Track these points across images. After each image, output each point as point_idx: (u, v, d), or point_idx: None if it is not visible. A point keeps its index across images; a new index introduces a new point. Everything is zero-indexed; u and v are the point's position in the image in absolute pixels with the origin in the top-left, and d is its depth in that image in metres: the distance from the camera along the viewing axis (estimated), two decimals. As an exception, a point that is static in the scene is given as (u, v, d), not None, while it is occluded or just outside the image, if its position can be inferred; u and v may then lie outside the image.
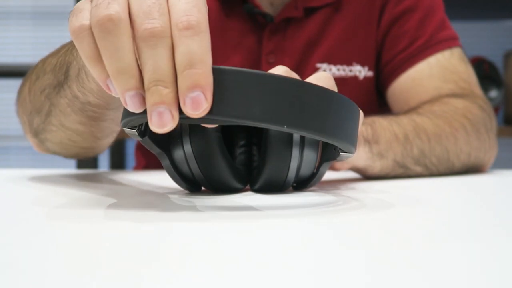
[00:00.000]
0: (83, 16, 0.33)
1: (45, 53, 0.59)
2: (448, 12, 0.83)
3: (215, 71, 0.32)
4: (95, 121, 0.52)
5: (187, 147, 0.42)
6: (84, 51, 0.33)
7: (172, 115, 0.31)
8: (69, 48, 0.49)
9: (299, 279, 0.21)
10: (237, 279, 0.21)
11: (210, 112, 0.32)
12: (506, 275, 0.22)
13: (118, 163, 1.90)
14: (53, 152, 0.63)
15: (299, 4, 0.77)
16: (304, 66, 0.78)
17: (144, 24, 0.31)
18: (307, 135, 0.34)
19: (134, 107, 0.32)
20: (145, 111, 0.32)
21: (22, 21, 2.09)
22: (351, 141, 0.37)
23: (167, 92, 0.31)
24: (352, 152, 0.39)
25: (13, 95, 0.64)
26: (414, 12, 0.79)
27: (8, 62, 1.96)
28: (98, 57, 0.33)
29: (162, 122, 0.31)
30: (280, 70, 0.40)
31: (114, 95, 0.33)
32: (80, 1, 0.35)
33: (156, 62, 0.31)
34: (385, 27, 0.79)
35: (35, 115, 0.57)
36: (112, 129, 0.57)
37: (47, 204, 0.43)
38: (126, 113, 0.35)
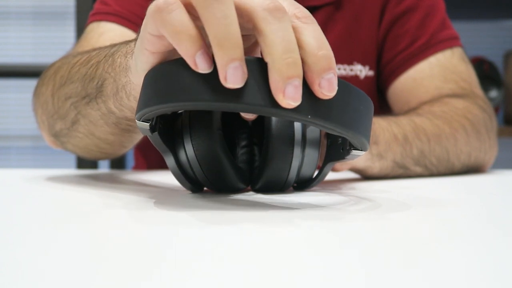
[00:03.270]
0: None
1: (45, 53, 0.59)
2: (449, 12, 0.83)
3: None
4: (128, 133, 0.52)
5: (188, 145, 0.42)
6: (171, 24, 0.32)
7: (299, 93, 0.31)
8: (100, 61, 0.48)
9: (300, 279, 0.21)
10: (238, 279, 0.21)
11: (227, 100, 0.31)
12: (505, 275, 0.22)
13: (118, 163, 1.89)
14: (71, 151, 0.63)
15: (300, 2, 0.77)
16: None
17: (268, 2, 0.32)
18: (329, 128, 0.33)
19: (236, 81, 0.30)
20: (164, 100, 0.32)
21: (22, 21, 2.09)
22: (368, 137, 0.36)
23: (301, 65, 0.31)
24: (366, 150, 0.39)
25: (13, 95, 0.64)
26: (415, 12, 0.79)
27: (8, 62, 1.97)
28: (190, 28, 0.32)
29: (297, 96, 0.31)
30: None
31: (201, 71, 0.31)
32: None
33: (287, 34, 0.31)
34: (386, 27, 0.79)
35: (58, 120, 0.57)
36: (139, 138, 0.57)
37: (47, 204, 0.43)
38: (144, 103, 0.34)
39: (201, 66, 0.31)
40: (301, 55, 0.32)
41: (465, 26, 1.96)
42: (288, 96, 0.30)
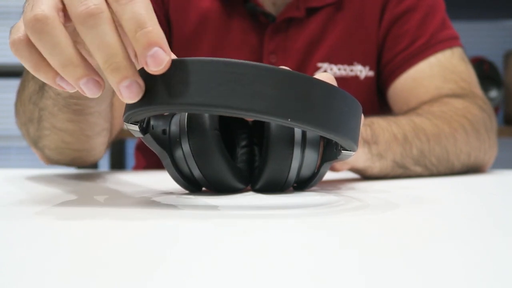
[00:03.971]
0: (18, 30, 0.35)
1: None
2: (448, 12, 0.83)
3: (220, 64, 0.32)
4: (82, 116, 0.53)
5: (185, 145, 0.42)
6: (25, 62, 0.35)
7: (139, 84, 0.32)
8: None
9: (300, 280, 0.21)
10: (238, 279, 0.21)
11: (213, 104, 0.31)
12: (505, 275, 0.22)
13: (118, 163, 1.90)
14: (52, 160, 0.64)
15: (301, 4, 0.77)
16: (305, 66, 0.78)
17: (78, 7, 0.32)
18: (311, 130, 0.33)
19: (91, 93, 0.33)
20: (144, 104, 0.33)
21: (22, 21, 2.09)
22: (354, 138, 0.37)
23: (124, 65, 0.31)
24: (354, 150, 0.39)
25: (13, 95, 0.65)
26: (415, 12, 0.79)
27: (8, 62, 1.96)
28: (38, 63, 0.34)
29: (133, 94, 0.32)
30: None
31: (69, 91, 0.34)
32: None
33: (103, 40, 0.32)
34: (386, 27, 0.79)
35: (30, 124, 0.58)
36: (101, 125, 0.57)
37: (47, 204, 0.43)
38: (130, 105, 0.35)
39: (67, 88, 0.34)
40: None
41: (465, 26, 1.96)
42: (126, 97, 0.32)
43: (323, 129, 0.34)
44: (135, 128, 0.37)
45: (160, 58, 0.31)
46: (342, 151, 0.40)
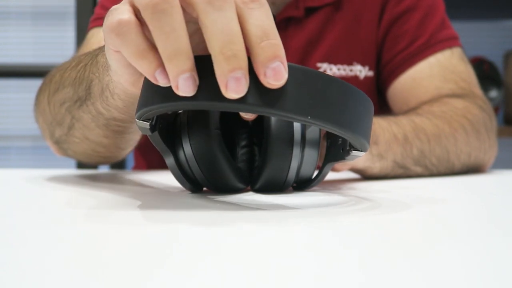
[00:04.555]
0: (120, 12, 0.33)
1: (45, 53, 0.60)
2: (448, 12, 0.83)
3: None
4: (119, 135, 0.52)
5: (187, 144, 0.42)
6: (129, 46, 0.32)
7: (246, 80, 0.30)
8: (87, 63, 0.48)
9: (301, 280, 0.21)
10: (237, 279, 0.21)
11: (230, 100, 0.31)
12: (505, 275, 0.22)
13: (118, 163, 1.90)
14: (74, 158, 0.63)
15: (300, 3, 0.77)
16: (304, 66, 0.78)
17: None
18: (329, 129, 0.33)
19: (188, 90, 0.31)
20: (164, 100, 0.32)
21: (22, 21, 2.09)
22: (367, 138, 0.36)
23: (242, 55, 0.30)
24: (365, 150, 0.38)
25: (13, 95, 0.65)
26: (414, 12, 0.79)
27: (8, 62, 1.96)
28: (145, 50, 0.32)
29: (240, 88, 0.30)
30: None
31: (162, 85, 0.32)
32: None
33: (227, 24, 0.30)
34: (385, 27, 0.79)
35: (57, 126, 0.57)
36: (135, 139, 0.57)
37: (47, 204, 0.43)
38: (144, 103, 0.34)
39: (162, 82, 0.32)
40: (246, 45, 0.31)
41: (465, 26, 1.96)
42: (230, 89, 0.30)
43: (341, 128, 0.33)
44: (146, 125, 0.37)
45: (281, 73, 0.31)
46: (353, 151, 0.40)
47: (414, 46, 0.78)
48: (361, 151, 0.39)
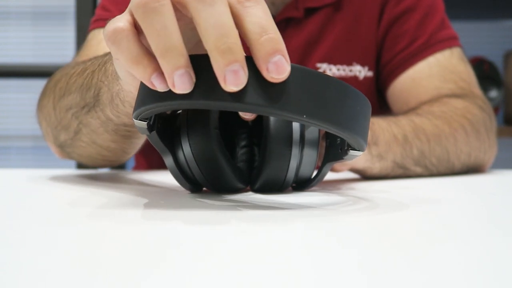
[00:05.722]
0: (116, 20, 0.33)
1: (45, 53, 0.60)
2: (448, 12, 0.83)
3: None
4: (128, 139, 0.52)
5: (186, 144, 0.42)
6: (124, 53, 0.33)
7: (245, 72, 0.31)
8: (95, 69, 0.49)
9: (299, 280, 0.21)
10: (236, 278, 0.21)
11: (228, 100, 0.31)
12: (505, 275, 0.22)
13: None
14: (77, 161, 0.63)
15: (300, 4, 0.77)
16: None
17: None
18: (326, 128, 0.33)
19: (184, 87, 0.31)
20: (161, 99, 0.32)
21: (22, 21, 2.09)
22: (365, 137, 0.36)
23: (238, 47, 0.30)
24: (363, 150, 0.39)
25: (13, 95, 0.65)
26: (414, 12, 0.79)
27: (8, 62, 1.97)
28: (139, 55, 0.33)
29: (239, 81, 0.30)
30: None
31: (159, 90, 0.32)
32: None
33: (219, 19, 0.30)
34: (385, 27, 0.79)
35: (62, 131, 0.57)
36: (140, 143, 0.57)
37: (47, 204, 0.43)
38: (142, 102, 0.34)
39: (159, 87, 0.32)
40: (247, 43, 0.31)
41: (465, 26, 1.96)
42: (229, 82, 0.30)
43: (338, 128, 0.33)
44: (144, 125, 0.37)
45: (283, 67, 0.31)
46: (350, 151, 0.40)
47: (414, 46, 0.78)
48: (359, 150, 0.39)
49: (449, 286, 0.21)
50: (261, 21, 0.31)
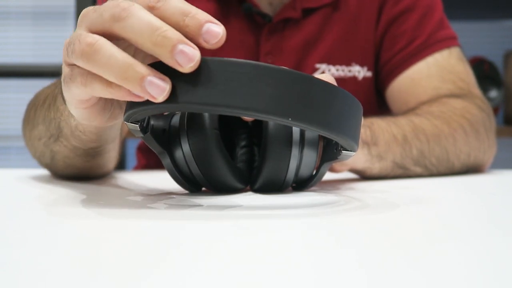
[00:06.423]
0: (65, 76, 0.36)
1: (45, 53, 0.60)
2: (448, 12, 0.83)
3: (221, 63, 0.32)
4: (100, 156, 0.53)
5: (185, 145, 0.42)
6: (81, 94, 0.35)
7: (192, 46, 0.31)
8: (51, 103, 0.50)
9: (300, 279, 0.21)
10: (235, 278, 0.21)
11: (213, 103, 0.31)
12: (505, 275, 0.22)
13: (118, 163, 1.89)
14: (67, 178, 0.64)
15: (297, 4, 0.77)
16: (303, 67, 0.78)
17: (111, 10, 0.32)
18: (311, 129, 0.33)
19: (158, 91, 0.31)
20: (145, 103, 0.33)
21: (22, 21, 2.09)
22: (355, 138, 0.37)
23: (172, 32, 0.31)
24: (354, 150, 0.39)
25: (13, 95, 0.65)
26: (412, 12, 0.79)
27: (8, 62, 1.96)
28: (102, 90, 0.33)
29: (190, 56, 0.31)
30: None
31: (151, 100, 0.32)
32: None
33: (141, 22, 0.32)
34: (383, 27, 0.79)
35: (40, 158, 0.59)
36: (116, 155, 0.58)
37: (47, 204, 0.43)
38: (130, 105, 0.35)
39: (148, 94, 0.32)
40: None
41: (465, 26, 1.96)
42: (183, 63, 0.31)
43: (323, 129, 0.34)
44: (136, 127, 0.37)
45: (215, 31, 0.32)
46: (343, 151, 0.40)
47: (412, 46, 0.78)
48: (350, 151, 0.39)
49: (449, 286, 0.21)
50: (178, 7, 0.32)
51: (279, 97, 0.32)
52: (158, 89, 0.31)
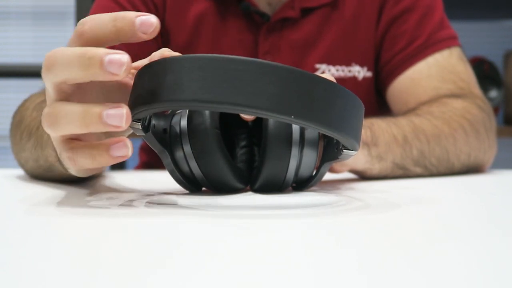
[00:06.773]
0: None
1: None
2: (448, 12, 0.83)
3: (224, 61, 0.32)
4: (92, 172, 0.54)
5: (186, 144, 0.42)
6: (78, 171, 0.40)
7: (117, 52, 0.32)
8: (37, 146, 0.51)
9: (299, 279, 0.21)
10: (235, 278, 0.21)
11: (216, 101, 0.31)
12: (505, 275, 0.22)
13: (118, 163, 1.89)
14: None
15: (296, 4, 0.77)
16: (302, 67, 0.78)
17: (44, 63, 0.34)
18: (314, 128, 0.33)
19: (118, 121, 0.33)
20: (147, 101, 0.33)
21: (22, 21, 2.09)
22: (356, 137, 0.37)
23: (92, 50, 0.32)
24: (355, 149, 0.39)
25: (13, 95, 0.65)
26: (412, 12, 0.79)
27: (8, 62, 1.96)
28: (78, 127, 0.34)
29: (118, 63, 0.32)
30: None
31: (115, 130, 0.34)
32: None
33: (63, 60, 0.33)
34: (383, 27, 0.79)
35: (31, 172, 0.59)
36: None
37: (47, 204, 0.43)
38: (133, 104, 0.35)
39: (116, 123, 0.33)
40: (115, 42, 0.35)
41: (465, 26, 1.96)
42: (115, 71, 0.32)
43: (325, 127, 0.33)
44: (137, 126, 0.37)
45: (149, 21, 0.33)
46: (344, 150, 0.40)
47: (413, 47, 0.77)
48: (352, 150, 0.39)
49: (449, 286, 0.21)
50: (106, 17, 0.34)
51: (281, 95, 0.32)
52: (117, 117, 0.33)
